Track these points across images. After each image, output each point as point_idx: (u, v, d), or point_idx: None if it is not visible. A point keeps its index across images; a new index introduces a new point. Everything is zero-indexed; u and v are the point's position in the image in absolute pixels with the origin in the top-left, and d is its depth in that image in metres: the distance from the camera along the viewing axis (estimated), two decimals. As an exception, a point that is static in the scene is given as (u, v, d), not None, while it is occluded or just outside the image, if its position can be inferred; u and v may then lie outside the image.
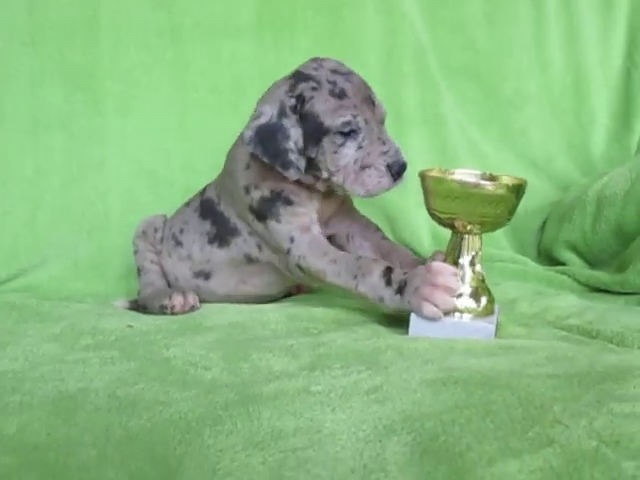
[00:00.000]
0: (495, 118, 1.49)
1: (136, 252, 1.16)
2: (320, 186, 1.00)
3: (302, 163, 0.96)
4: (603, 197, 1.21)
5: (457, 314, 0.87)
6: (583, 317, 0.96)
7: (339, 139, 0.95)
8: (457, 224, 0.88)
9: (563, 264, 1.27)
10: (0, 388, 0.71)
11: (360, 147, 0.95)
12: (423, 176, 0.90)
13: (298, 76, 0.98)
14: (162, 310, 1.03)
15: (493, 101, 1.49)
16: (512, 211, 0.88)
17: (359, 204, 1.12)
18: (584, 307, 1.00)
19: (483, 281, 0.90)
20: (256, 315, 0.95)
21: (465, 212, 0.86)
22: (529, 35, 1.51)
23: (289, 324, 0.92)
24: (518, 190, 0.87)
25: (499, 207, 0.86)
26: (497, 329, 0.88)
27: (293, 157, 0.95)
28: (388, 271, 0.90)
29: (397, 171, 0.95)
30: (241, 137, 1.03)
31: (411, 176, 0.97)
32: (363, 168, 0.95)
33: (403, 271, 0.89)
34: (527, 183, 0.88)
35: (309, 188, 1.01)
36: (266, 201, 1.00)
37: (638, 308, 1.02)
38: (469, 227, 0.88)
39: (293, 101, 0.95)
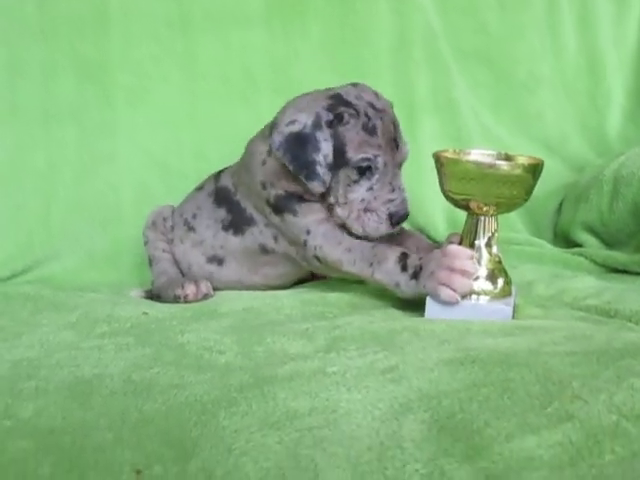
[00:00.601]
0: (508, 102, 1.48)
1: (146, 243, 1.16)
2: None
3: (328, 177, 0.95)
4: (620, 176, 1.19)
5: (474, 296, 0.86)
6: (601, 297, 0.95)
7: (354, 175, 0.95)
8: (472, 205, 0.87)
9: (580, 246, 1.25)
10: (15, 375, 0.71)
11: (371, 189, 0.96)
12: (438, 157, 0.89)
13: (339, 99, 0.97)
14: (176, 300, 1.03)
15: (506, 85, 1.48)
16: (529, 191, 0.87)
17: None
18: (602, 288, 0.99)
19: (500, 263, 0.89)
20: (270, 301, 0.95)
21: (481, 193, 0.85)
22: (542, 17, 1.49)
23: (304, 309, 0.91)
24: (535, 170, 0.86)
25: (515, 187, 0.85)
26: (514, 311, 0.87)
27: (320, 171, 0.95)
28: (404, 257, 0.89)
29: (397, 221, 0.97)
30: (264, 133, 1.03)
31: (426, 160, 0.97)
32: (366, 211, 0.97)
33: (418, 256, 0.89)
34: (544, 163, 0.87)
35: None
36: (282, 198, 1.00)
37: (657, 288, 1.01)
38: (485, 208, 0.87)
39: (331, 116, 0.95)
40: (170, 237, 1.15)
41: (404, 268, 0.88)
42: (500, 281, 0.88)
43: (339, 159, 0.95)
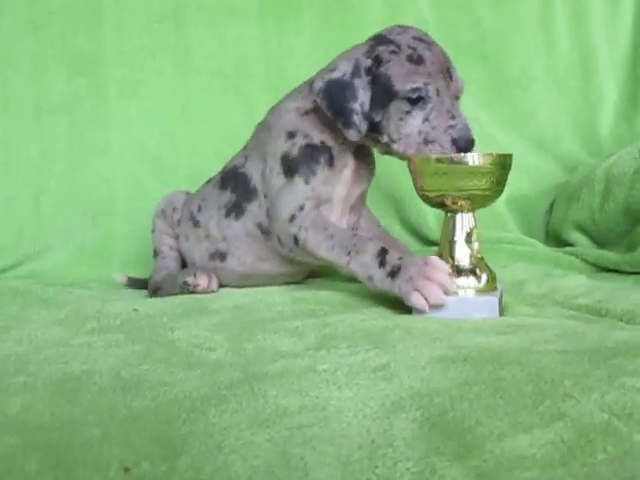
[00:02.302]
0: (502, 98, 1.48)
1: (153, 231, 1.16)
2: (379, 149, 1.00)
3: (364, 126, 0.94)
4: (611, 176, 1.20)
5: (460, 291, 0.86)
6: (592, 296, 0.95)
7: (406, 106, 0.92)
8: (447, 201, 0.88)
9: (571, 245, 1.26)
10: (3, 370, 0.70)
11: (427, 119, 0.93)
12: (409, 159, 0.91)
13: (380, 39, 0.97)
14: (184, 286, 1.02)
15: (500, 81, 1.48)
16: (500, 183, 0.87)
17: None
18: (593, 287, 1.00)
19: (482, 259, 0.89)
20: (261, 298, 0.94)
21: (452, 188, 0.86)
22: (535, 13, 1.50)
23: (295, 306, 0.91)
24: (503, 162, 0.86)
25: (484, 180, 0.85)
26: (504, 309, 0.87)
27: (357, 119, 0.94)
28: (383, 252, 0.88)
29: (464, 147, 0.91)
30: (294, 95, 1.02)
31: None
32: (426, 143, 0.93)
33: (398, 255, 0.88)
34: (512, 156, 0.87)
35: (355, 152, 1.00)
36: (310, 149, 0.98)
37: (648, 287, 1.01)
38: (460, 203, 0.88)
39: (369, 62, 0.94)
40: (177, 232, 1.14)
41: (382, 264, 0.87)
42: (484, 276, 0.88)
43: (387, 94, 0.93)
